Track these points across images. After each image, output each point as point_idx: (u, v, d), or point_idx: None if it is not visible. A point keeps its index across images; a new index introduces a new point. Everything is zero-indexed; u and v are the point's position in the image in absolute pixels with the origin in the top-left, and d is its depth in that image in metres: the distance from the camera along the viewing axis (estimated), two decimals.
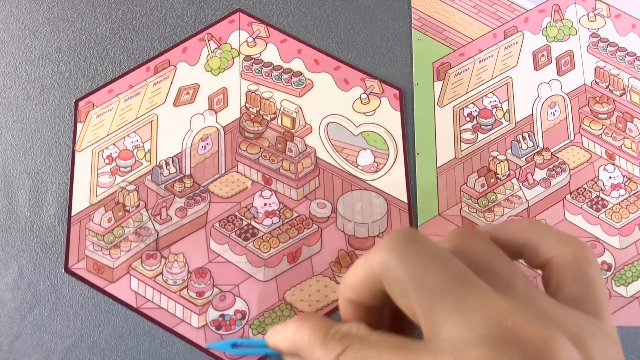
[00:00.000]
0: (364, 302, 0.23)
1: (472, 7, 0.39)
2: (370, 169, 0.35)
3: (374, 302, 0.23)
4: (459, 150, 0.36)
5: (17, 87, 0.36)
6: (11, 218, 0.34)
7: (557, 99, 0.37)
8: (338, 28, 0.38)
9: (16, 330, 0.32)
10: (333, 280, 0.33)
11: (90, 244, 0.34)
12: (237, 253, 0.34)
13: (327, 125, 0.36)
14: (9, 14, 0.38)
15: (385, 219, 0.34)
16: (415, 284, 0.20)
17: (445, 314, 0.20)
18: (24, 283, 0.33)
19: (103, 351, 0.32)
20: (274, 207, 0.34)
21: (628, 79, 0.37)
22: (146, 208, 0.34)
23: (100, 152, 0.35)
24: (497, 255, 0.22)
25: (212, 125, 0.36)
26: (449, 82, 0.37)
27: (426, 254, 0.21)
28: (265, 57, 0.37)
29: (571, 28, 0.39)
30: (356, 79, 0.37)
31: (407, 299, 0.21)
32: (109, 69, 0.37)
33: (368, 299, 0.23)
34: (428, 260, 0.21)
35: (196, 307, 0.33)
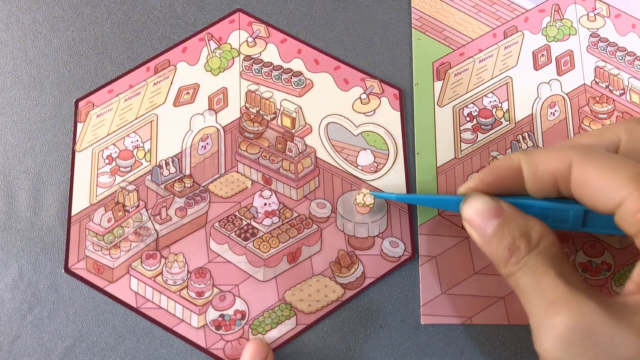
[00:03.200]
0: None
1: (472, 7, 0.39)
2: (370, 169, 0.35)
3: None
4: (458, 150, 0.36)
5: (17, 87, 0.36)
6: (11, 218, 0.34)
7: (557, 99, 0.37)
8: (338, 28, 0.38)
9: (16, 330, 0.32)
10: (333, 280, 0.33)
11: (90, 244, 0.34)
12: (236, 253, 0.34)
13: (327, 125, 0.36)
14: (9, 14, 0.38)
15: (385, 219, 0.34)
16: None
17: None
18: (24, 283, 0.33)
19: (103, 351, 0.32)
20: (274, 207, 0.35)
21: (628, 79, 0.37)
22: (146, 208, 0.34)
23: (100, 152, 0.35)
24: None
25: (212, 125, 0.36)
26: (448, 82, 0.37)
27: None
28: (265, 57, 0.37)
29: (571, 28, 0.39)
30: (356, 79, 0.37)
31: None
32: (109, 69, 0.37)
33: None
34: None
35: (196, 307, 0.33)
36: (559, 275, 0.24)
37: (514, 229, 0.26)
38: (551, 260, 0.25)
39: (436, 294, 0.33)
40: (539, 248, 0.25)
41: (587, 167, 0.24)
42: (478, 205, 0.28)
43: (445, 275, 0.34)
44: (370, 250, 0.34)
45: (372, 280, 0.33)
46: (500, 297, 0.33)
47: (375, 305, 0.33)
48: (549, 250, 0.25)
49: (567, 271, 0.25)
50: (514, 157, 0.27)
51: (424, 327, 0.33)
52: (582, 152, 0.25)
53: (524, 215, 0.27)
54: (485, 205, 0.27)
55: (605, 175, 0.23)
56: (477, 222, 0.27)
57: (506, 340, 0.33)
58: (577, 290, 0.24)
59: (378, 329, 0.33)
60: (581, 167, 0.24)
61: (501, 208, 0.27)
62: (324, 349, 0.33)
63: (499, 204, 0.27)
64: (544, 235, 0.26)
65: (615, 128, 0.27)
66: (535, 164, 0.26)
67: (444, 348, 0.33)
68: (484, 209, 0.27)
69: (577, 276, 0.25)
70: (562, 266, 0.25)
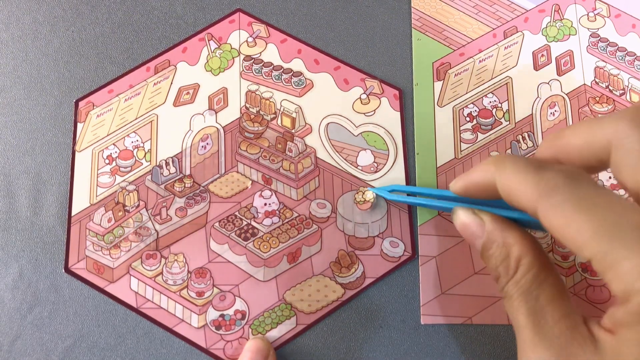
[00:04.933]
0: (570, 164, 0.25)
1: (472, 7, 0.39)
2: (370, 169, 0.35)
3: (582, 165, 0.24)
4: (458, 151, 0.36)
5: (17, 87, 0.36)
6: (11, 218, 0.34)
7: (557, 99, 0.37)
8: (338, 28, 0.38)
9: (16, 330, 0.32)
10: (333, 280, 0.33)
11: (90, 244, 0.34)
12: (237, 253, 0.34)
13: (327, 125, 0.36)
14: (9, 14, 0.38)
15: (385, 219, 0.34)
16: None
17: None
18: (24, 283, 0.33)
19: (103, 351, 0.32)
20: (274, 207, 0.35)
21: (628, 79, 0.37)
22: (146, 208, 0.34)
23: (101, 152, 0.35)
24: None
25: (212, 125, 0.36)
26: (448, 82, 0.37)
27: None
28: (265, 57, 0.37)
29: (571, 28, 0.39)
30: (356, 79, 0.37)
31: (635, 172, 0.22)
32: (109, 69, 0.37)
33: (578, 161, 0.24)
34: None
35: (196, 307, 0.33)
36: (529, 312, 0.24)
37: (495, 251, 0.26)
38: (525, 292, 0.25)
39: (436, 294, 0.33)
40: (516, 277, 0.25)
41: (551, 215, 0.22)
42: (462, 220, 0.28)
43: (445, 275, 0.34)
44: (370, 250, 0.34)
45: (372, 280, 0.33)
46: (500, 297, 0.33)
47: (375, 305, 0.33)
48: (524, 277, 0.25)
49: (542, 303, 0.24)
50: (490, 170, 0.26)
51: (424, 327, 0.33)
52: (547, 193, 0.22)
53: (505, 231, 0.26)
54: (468, 220, 0.28)
55: (571, 229, 0.21)
56: (466, 237, 0.28)
57: (506, 340, 0.33)
58: (539, 335, 0.23)
59: (378, 329, 0.33)
60: (546, 209, 0.22)
61: (482, 225, 0.27)
62: (324, 349, 0.33)
63: (481, 220, 0.27)
64: (522, 258, 0.25)
65: (606, 129, 0.24)
66: (507, 191, 0.25)
67: (444, 348, 0.33)
68: (468, 224, 0.28)
69: (551, 307, 0.24)
70: (537, 296, 0.24)
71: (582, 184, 0.22)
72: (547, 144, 0.26)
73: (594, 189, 0.22)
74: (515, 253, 0.26)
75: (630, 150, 0.23)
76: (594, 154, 0.24)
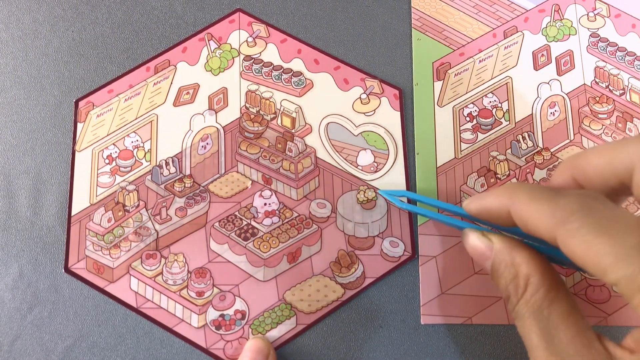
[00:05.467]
0: (589, 186, 0.25)
1: (472, 7, 0.39)
2: (370, 169, 0.35)
3: (601, 188, 0.24)
4: (458, 150, 0.36)
5: (17, 87, 0.36)
6: (11, 218, 0.34)
7: (556, 99, 0.37)
8: (338, 28, 0.38)
9: (16, 330, 0.32)
10: (333, 280, 0.33)
11: (90, 244, 0.34)
12: (237, 253, 0.34)
13: (327, 125, 0.36)
14: (9, 13, 0.38)
15: (385, 219, 0.34)
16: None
17: None
18: (24, 283, 0.33)
19: (103, 351, 0.32)
20: (274, 207, 0.35)
21: (628, 79, 0.37)
22: (146, 208, 0.34)
23: (100, 152, 0.35)
24: None
25: (212, 125, 0.36)
26: (448, 82, 0.37)
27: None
28: (265, 57, 0.37)
29: (571, 28, 0.39)
30: (356, 79, 0.37)
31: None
32: (109, 69, 0.37)
33: (598, 184, 0.24)
34: None
35: (196, 307, 0.33)
36: (541, 332, 0.24)
37: (505, 271, 0.26)
38: (536, 312, 0.24)
39: (436, 294, 0.33)
40: (525, 296, 0.25)
41: (571, 241, 0.22)
42: (472, 242, 0.28)
43: (445, 275, 0.34)
44: (370, 250, 0.34)
45: (372, 280, 0.33)
46: (500, 297, 0.33)
47: (375, 305, 0.33)
48: (534, 296, 0.25)
49: (554, 322, 0.24)
50: (504, 200, 0.26)
51: (424, 327, 0.33)
52: (564, 220, 0.22)
53: (513, 252, 0.26)
54: (477, 242, 0.28)
55: (592, 254, 0.21)
56: (476, 259, 0.28)
57: (506, 340, 0.33)
58: (553, 355, 0.23)
59: (378, 329, 0.33)
60: (564, 236, 0.22)
61: (491, 247, 0.27)
62: (324, 348, 0.33)
63: (489, 242, 0.27)
64: (530, 277, 0.25)
65: (630, 150, 0.24)
66: (524, 221, 0.24)
67: (444, 348, 0.33)
68: (477, 247, 0.28)
69: (564, 326, 0.24)
70: (548, 316, 0.24)
71: (599, 207, 0.22)
72: (566, 165, 0.26)
73: (611, 211, 0.22)
74: (524, 272, 0.25)
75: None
76: (615, 174, 0.24)
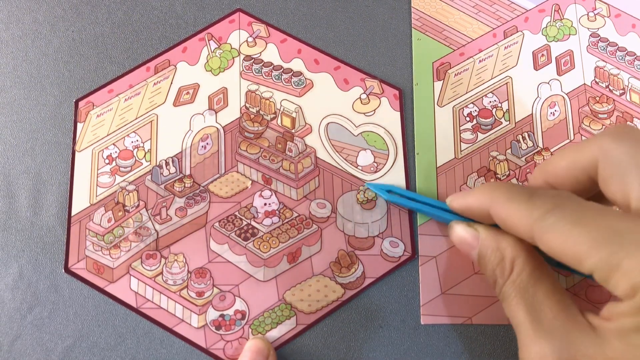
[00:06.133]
0: (562, 187, 0.26)
1: (472, 7, 0.39)
2: (370, 169, 0.35)
3: (573, 187, 0.26)
4: (458, 150, 0.36)
5: (17, 87, 0.36)
6: (11, 218, 0.34)
7: (557, 99, 0.37)
8: (338, 28, 0.38)
9: (16, 330, 0.32)
10: (333, 280, 0.33)
11: (90, 244, 0.34)
12: (236, 253, 0.34)
13: (327, 125, 0.36)
14: (9, 13, 0.38)
15: (385, 219, 0.34)
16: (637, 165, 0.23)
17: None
18: (24, 283, 0.33)
19: (103, 351, 0.32)
20: (274, 207, 0.35)
21: (628, 79, 0.37)
22: (146, 208, 0.34)
23: (100, 152, 0.35)
24: None
25: (212, 125, 0.36)
26: (448, 82, 0.37)
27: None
28: (265, 57, 0.37)
29: (571, 28, 0.39)
30: (356, 79, 0.37)
31: (622, 182, 0.23)
32: (109, 69, 0.37)
33: (568, 183, 0.26)
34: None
35: (196, 307, 0.33)
36: (527, 309, 0.25)
37: (491, 256, 0.27)
38: (522, 290, 0.26)
39: (436, 294, 0.33)
40: (512, 277, 0.26)
41: (548, 236, 0.23)
42: (458, 233, 0.30)
43: (445, 275, 0.34)
44: (370, 250, 0.34)
45: (372, 280, 0.33)
46: None
47: (375, 305, 0.33)
48: (520, 276, 0.26)
49: (539, 299, 0.25)
50: (484, 200, 0.27)
51: (424, 327, 0.33)
52: (540, 217, 0.24)
53: (498, 238, 0.27)
54: (464, 233, 0.29)
55: (568, 245, 0.22)
56: (463, 250, 0.29)
57: (506, 340, 0.33)
58: (540, 330, 0.24)
59: (378, 329, 0.33)
60: (541, 232, 0.24)
61: (477, 236, 0.28)
62: (324, 349, 0.33)
63: (475, 231, 0.29)
64: (516, 259, 0.26)
65: (591, 146, 0.25)
66: (503, 221, 0.26)
67: (444, 348, 0.33)
68: (464, 237, 0.29)
69: (549, 302, 0.25)
70: (534, 294, 0.25)
71: (572, 202, 0.24)
72: (538, 171, 0.28)
73: (584, 205, 0.23)
74: (509, 255, 0.27)
75: (615, 162, 0.24)
76: (582, 171, 0.25)
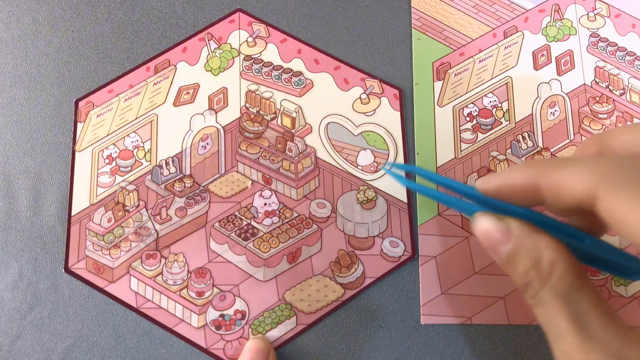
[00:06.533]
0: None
1: (472, 7, 0.39)
2: (370, 169, 0.35)
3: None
4: (458, 150, 0.36)
5: (17, 87, 0.36)
6: (11, 218, 0.34)
7: (557, 99, 0.37)
8: (338, 28, 0.38)
9: (16, 330, 0.32)
10: (333, 280, 0.33)
11: (90, 244, 0.34)
12: (237, 253, 0.34)
13: (327, 125, 0.36)
14: (9, 13, 0.38)
15: (385, 219, 0.34)
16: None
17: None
18: (24, 283, 0.33)
19: (103, 351, 0.32)
20: (274, 207, 0.35)
21: (628, 79, 0.37)
22: (146, 208, 0.34)
23: (101, 152, 0.35)
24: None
25: (212, 125, 0.36)
26: (448, 82, 0.37)
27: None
28: (265, 57, 0.37)
29: (571, 28, 0.39)
30: (356, 79, 0.37)
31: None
32: (109, 69, 0.37)
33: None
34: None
35: (196, 307, 0.33)
36: (571, 317, 0.23)
37: (525, 256, 0.24)
38: (565, 297, 0.23)
39: (436, 294, 0.33)
40: (551, 281, 0.23)
41: (615, 201, 0.21)
42: (485, 227, 0.25)
43: (445, 275, 0.34)
44: (370, 250, 0.34)
45: (372, 280, 0.33)
46: (500, 297, 0.33)
47: (375, 305, 0.33)
48: (562, 281, 0.23)
49: (584, 308, 0.23)
50: (531, 172, 0.24)
51: (424, 327, 0.33)
52: (608, 180, 0.21)
53: (534, 236, 0.24)
54: (492, 227, 0.25)
55: (637, 214, 0.20)
56: (489, 244, 0.25)
57: (506, 340, 0.33)
58: (589, 340, 0.22)
59: (378, 329, 0.33)
60: (609, 199, 0.21)
61: (509, 231, 0.25)
62: (324, 348, 0.33)
63: (507, 225, 0.25)
64: (556, 262, 0.23)
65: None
66: (557, 189, 0.23)
67: (444, 348, 0.33)
68: (491, 231, 0.25)
69: (595, 311, 0.23)
70: (577, 301, 0.23)
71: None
72: (592, 141, 0.25)
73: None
74: (549, 256, 0.24)
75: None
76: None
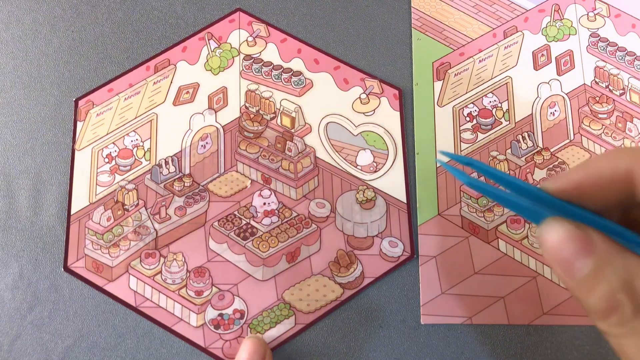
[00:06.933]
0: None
1: (472, 6, 0.39)
2: (370, 169, 0.35)
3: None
4: (458, 150, 0.36)
5: (17, 87, 0.36)
6: (11, 218, 0.34)
7: (556, 99, 0.37)
8: (338, 28, 0.38)
9: (16, 330, 0.32)
10: (332, 279, 0.33)
11: (90, 243, 0.34)
12: (236, 252, 0.34)
13: (326, 125, 0.36)
14: (9, 13, 0.38)
15: (384, 219, 0.34)
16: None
17: None
18: (24, 283, 0.33)
19: (103, 351, 0.32)
20: (273, 207, 0.34)
21: (628, 79, 0.37)
22: (145, 207, 0.34)
23: (100, 150, 0.35)
24: None
25: (211, 125, 0.36)
26: (448, 82, 0.37)
27: None
28: (265, 57, 0.37)
29: (571, 28, 0.39)
30: (356, 79, 0.37)
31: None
32: (109, 69, 0.37)
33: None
34: None
35: (195, 306, 0.33)
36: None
37: (612, 276, 0.20)
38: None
39: (436, 294, 0.33)
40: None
41: None
42: (561, 235, 0.21)
43: (445, 275, 0.34)
44: (369, 250, 0.34)
45: (371, 280, 0.33)
46: (500, 297, 0.33)
47: (375, 305, 0.33)
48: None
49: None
50: (620, 159, 0.20)
51: (424, 327, 0.33)
52: None
53: (623, 253, 0.20)
54: (571, 235, 0.21)
55: None
56: (562, 258, 0.21)
57: (506, 340, 0.33)
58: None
59: (378, 329, 0.33)
60: None
61: (591, 242, 0.20)
62: (324, 348, 0.33)
63: (589, 236, 0.20)
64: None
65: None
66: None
67: (444, 348, 0.33)
68: (569, 241, 0.21)
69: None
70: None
71: None
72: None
73: None
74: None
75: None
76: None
